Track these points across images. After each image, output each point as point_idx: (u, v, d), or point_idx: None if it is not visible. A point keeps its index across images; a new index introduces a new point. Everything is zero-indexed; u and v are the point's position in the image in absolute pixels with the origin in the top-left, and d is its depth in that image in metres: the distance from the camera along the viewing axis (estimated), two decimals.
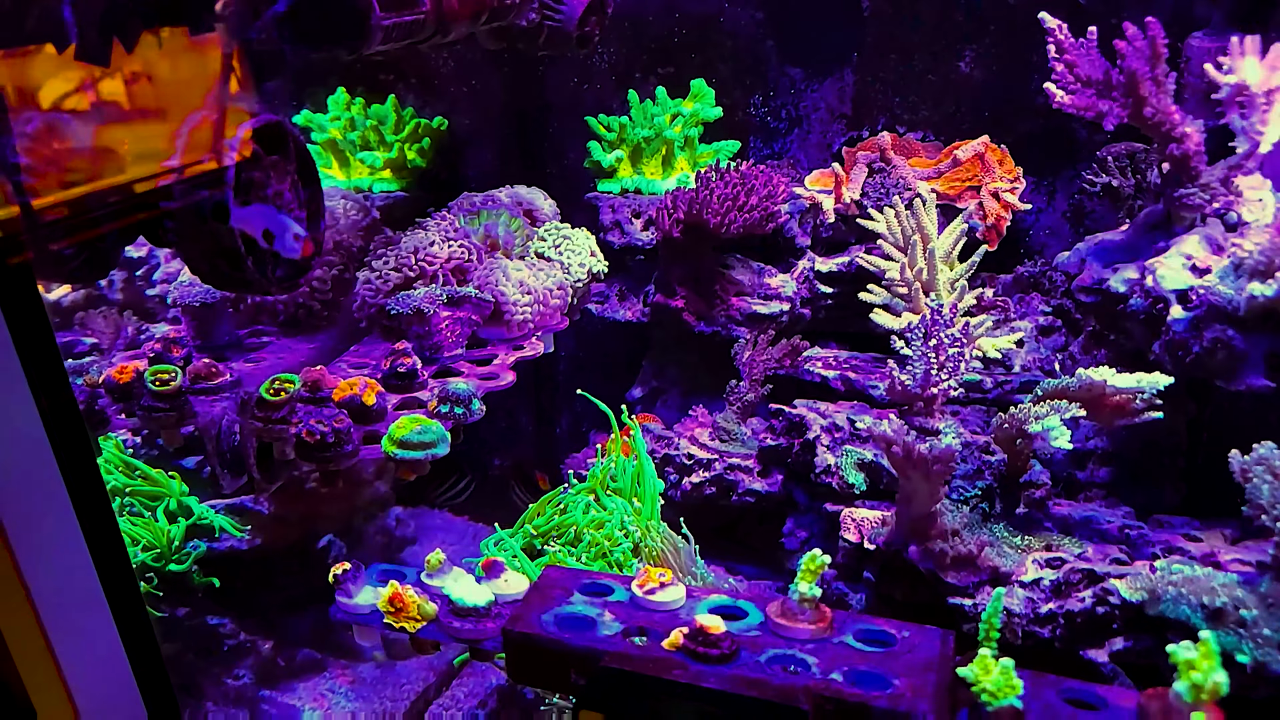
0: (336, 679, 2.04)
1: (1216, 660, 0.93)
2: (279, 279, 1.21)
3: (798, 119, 2.52)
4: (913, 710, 0.96)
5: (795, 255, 2.17)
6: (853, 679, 1.01)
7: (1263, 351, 1.39)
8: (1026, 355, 2.09)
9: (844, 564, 1.70)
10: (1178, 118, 1.49)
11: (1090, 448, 1.91)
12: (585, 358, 2.67)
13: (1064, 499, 1.82)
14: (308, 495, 2.18)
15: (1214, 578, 1.33)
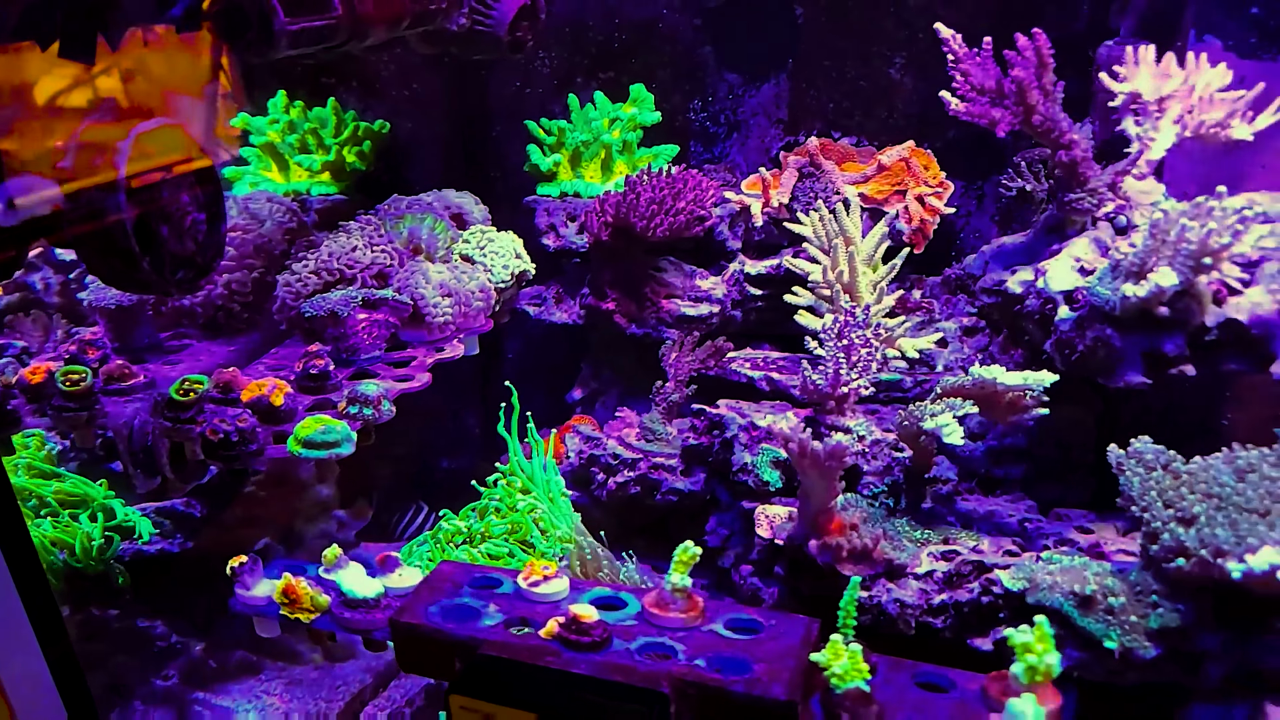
0: (272, 681, 2.09)
1: (1050, 643, 1.00)
2: (178, 281, 1.26)
3: (736, 124, 2.59)
4: (766, 693, 1.02)
5: (726, 258, 2.24)
6: (716, 664, 1.07)
7: (1140, 350, 1.47)
8: (950, 355, 2.16)
9: (758, 560, 1.76)
10: (1065, 125, 1.56)
11: (1006, 444, 1.99)
12: (529, 360, 2.73)
13: (980, 494, 1.89)
14: (245, 499, 2.23)
15: (1089, 567, 1.40)
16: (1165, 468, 1.41)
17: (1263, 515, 1.32)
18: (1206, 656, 1.33)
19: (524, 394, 2.77)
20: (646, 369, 2.23)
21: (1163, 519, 1.33)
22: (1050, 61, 1.54)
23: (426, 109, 2.69)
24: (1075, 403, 1.86)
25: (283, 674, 2.11)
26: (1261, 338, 1.47)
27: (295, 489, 2.32)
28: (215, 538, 2.07)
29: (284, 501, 2.28)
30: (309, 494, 2.37)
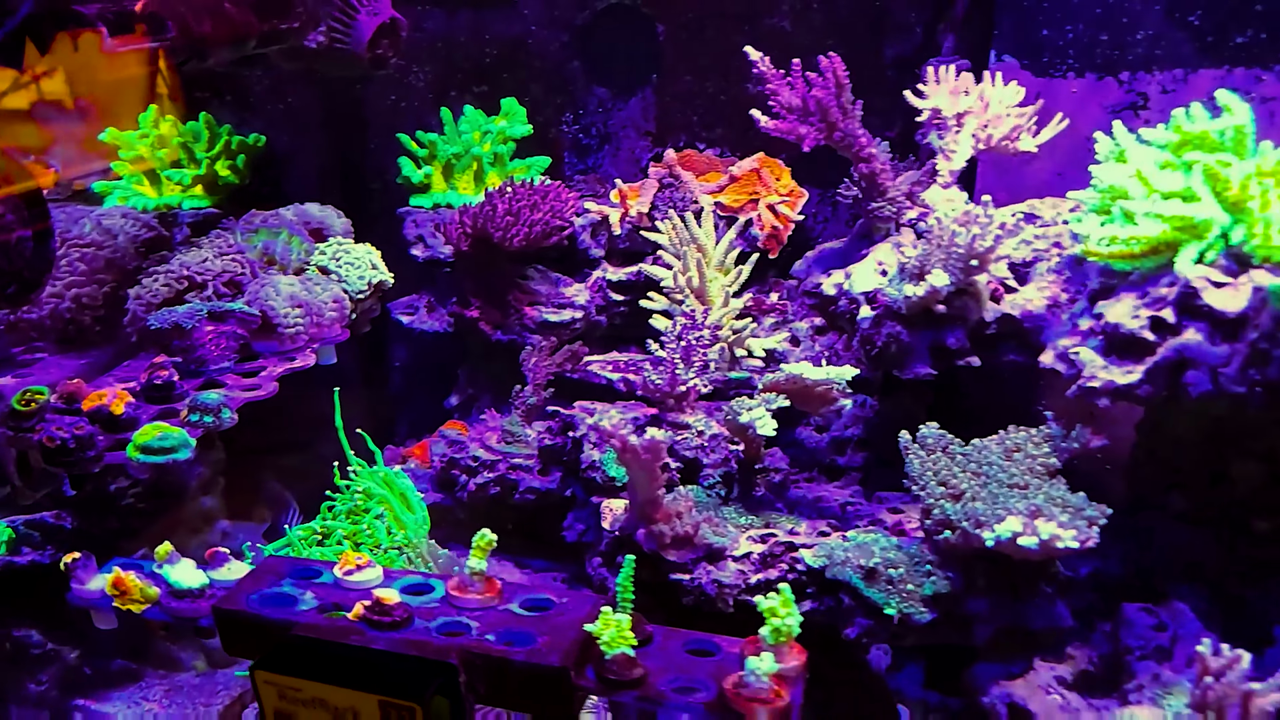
0: (152, 688, 2.16)
1: (793, 607, 1.15)
2: (8, 296, 1.34)
3: (607, 136, 2.74)
4: (544, 660, 1.15)
5: (590, 266, 2.38)
6: (504, 638, 1.20)
7: (926, 344, 1.65)
8: (801, 353, 2.34)
9: (605, 551, 1.90)
10: (864, 140, 1.74)
11: (848, 435, 2.17)
12: (413, 368, 2.83)
13: (824, 481, 2.06)
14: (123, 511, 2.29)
15: (877, 543, 1.57)
16: (944, 450, 1.59)
17: (1023, 489, 1.51)
18: (976, 619, 1.51)
19: (409, 401, 2.88)
20: (516, 374, 2.36)
21: (934, 495, 1.51)
22: (846, 82, 1.71)
23: (303, 122, 2.77)
24: (909, 394, 2.05)
25: (163, 681, 2.18)
26: (1034, 330, 1.66)
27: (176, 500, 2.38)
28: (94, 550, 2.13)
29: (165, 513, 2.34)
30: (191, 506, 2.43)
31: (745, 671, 1.11)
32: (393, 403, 2.82)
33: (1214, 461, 1.59)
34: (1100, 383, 1.51)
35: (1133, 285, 1.55)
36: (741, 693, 1.11)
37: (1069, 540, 1.35)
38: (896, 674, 2.01)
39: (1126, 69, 1.94)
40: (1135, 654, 1.47)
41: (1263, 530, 1.60)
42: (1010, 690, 1.48)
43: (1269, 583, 1.61)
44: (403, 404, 2.82)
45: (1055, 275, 1.67)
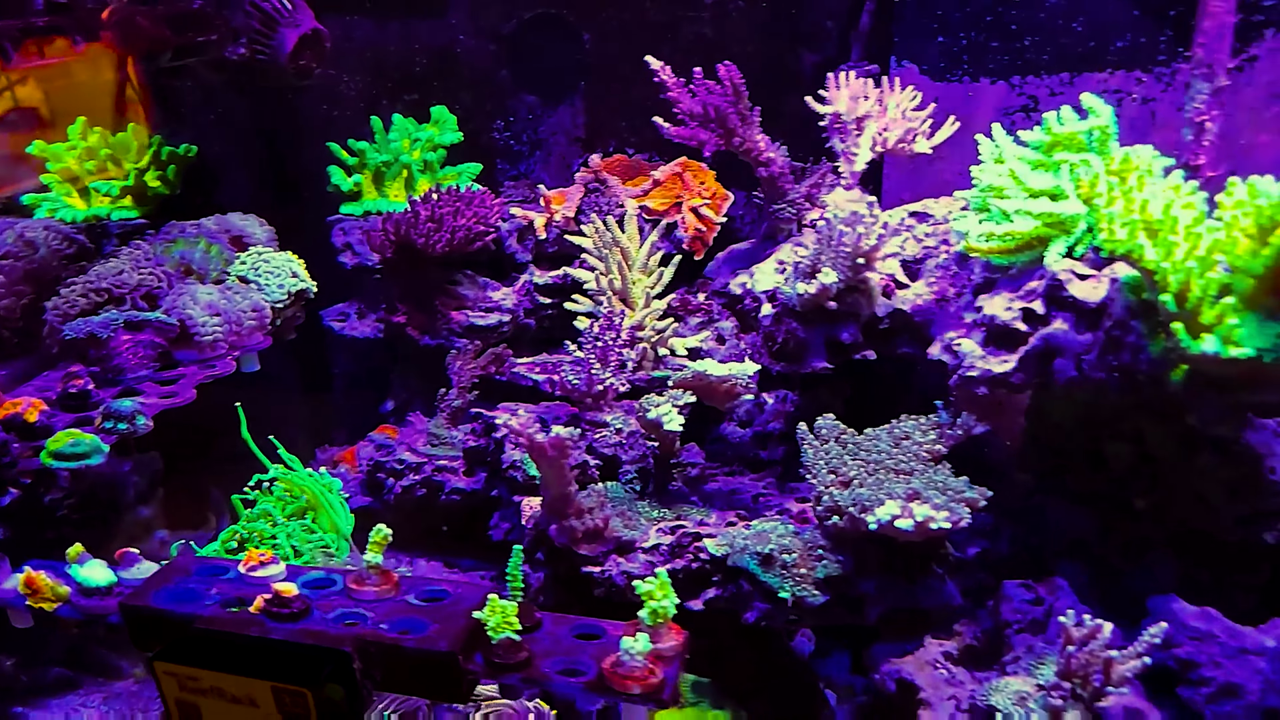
0: (90, 695, 2.20)
1: (669, 591, 1.23)
2: None
3: (538, 142, 2.82)
4: (433, 646, 1.23)
5: (518, 270, 2.46)
6: (398, 626, 1.27)
7: (822, 339, 1.75)
8: (725, 351, 2.43)
9: (527, 548, 1.97)
10: (763, 145, 1.84)
11: (770, 430, 2.26)
12: (348, 374, 2.89)
13: (748, 474, 2.15)
14: (57, 522, 2.33)
15: (775, 530, 1.66)
16: (837, 440, 1.69)
17: (908, 475, 1.61)
18: (866, 599, 1.61)
19: (345, 407, 2.94)
20: (446, 378, 2.43)
21: (825, 483, 1.61)
22: (743, 90, 1.81)
23: (236, 132, 2.83)
24: (827, 389, 2.15)
25: (102, 689, 2.23)
26: (924, 324, 1.77)
27: (112, 511, 2.42)
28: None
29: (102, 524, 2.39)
30: (128, 516, 2.47)
31: (621, 652, 1.19)
32: (329, 409, 2.88)
33: (1091, 444, 1.70)
34: (978, 372, 1.62)
35: (1010, 279, 1.66)
36: (618, 671, 1.19)
37: (941, 521, 1.45)
38: (825, 660, 2.11)
39: (1017, 73, 2.06)
40: (1013, 628, 1.57)
41: (1142, 508, 1.72)
42: (900, 667, 1.58)
43: (1147, 557, 1.73)
44: (339, 410, 2.88)
45: (943, 271, 1.77)
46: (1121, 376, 1.47)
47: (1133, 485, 1.71)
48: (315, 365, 2.88)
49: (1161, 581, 1.68)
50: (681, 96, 1.82)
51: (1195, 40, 1.56)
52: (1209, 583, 1.70)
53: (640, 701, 1.18)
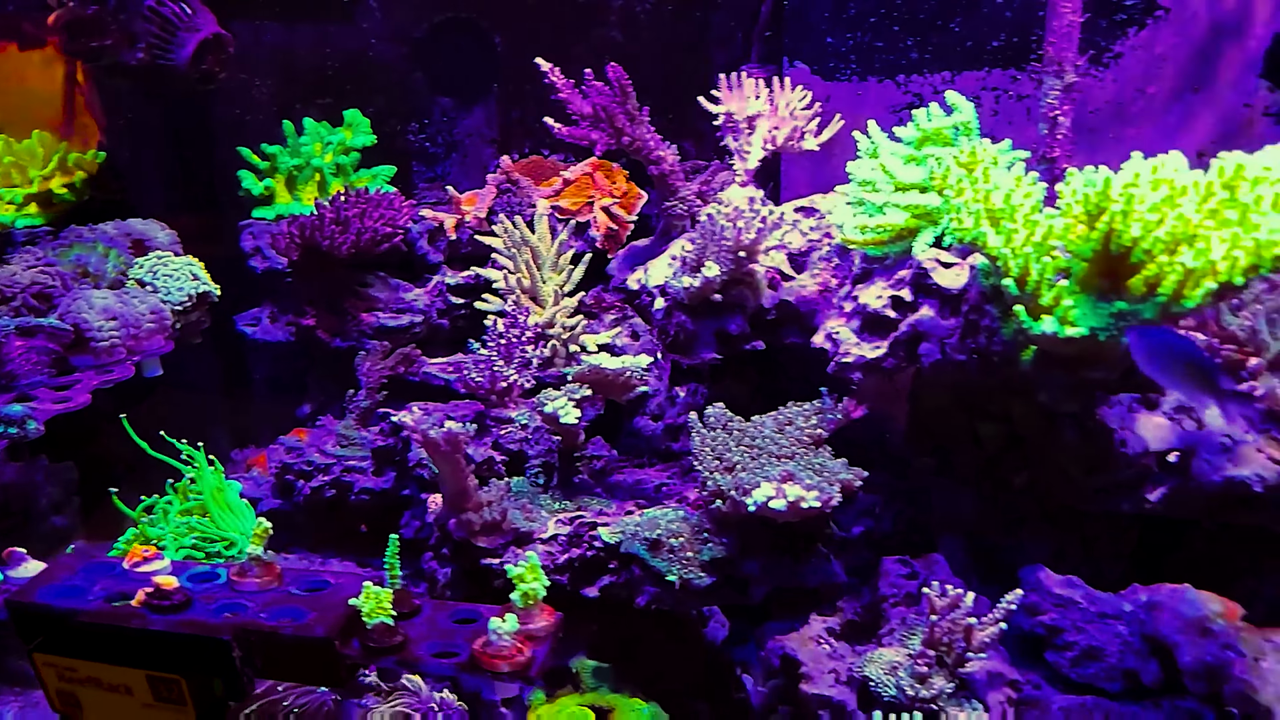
0: (7, 704, 2.21)
1: (539, 573, 1.30)
2: None
3: (454, 144, 2.88)
4: (310, 632, 1.29)
5: (430, 270, 2.52)
6: (277, 615, 1.32)
7: (711, 330, 1.83)
8: (639, 346, 2.51)
9: (434, 544, 2.03)
10: (653, 143, 1.93)
11: (680, 422, 2.35)
12: (265, 378, 2.92)
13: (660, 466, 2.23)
14: None
15: (666, 516, 1.74)
16: (724, 427, 1.77)
17: (789, 458, 1.70)
18: (751, 580, 1.69)
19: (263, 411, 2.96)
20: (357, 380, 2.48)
21: (709, 468, 1.69)
22: (630, 91, 1.90)
23: (147, 137, 2.85)
24: (735, 380, 2.23)
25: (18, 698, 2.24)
26: (808, 314, 1.86)
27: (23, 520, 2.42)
28: None
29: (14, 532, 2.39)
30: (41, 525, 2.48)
31: (489, 632, 1.26)
32: (247, 413, 2.90)
33: (967, 425, 1.81)
34: (853, 358, 1.72)
35: (885, 269, 1.76)
36: (487, 651, 1.26)
37: (811, 500, 1.54)
38: (744, 646, 2.19)
39: (902, 72, 2.18)
40: (890, 601, 1.67)
41: (1020, 484, 1.83)
42: (784, 643, 1.66)
43: (1023, 531, 1.84)
44: (258, 414, 2.90)
45: (826, 263, 1.87)
46: (980, 358, 1.58)
47: (1006, 463, 1.82)
48: (233, 370, 2.91)
49: (1036, 554, 1.79)
50: (572, 97, 1.90)
51: (1046, 39, 1.68)
52: (1080, 553, 1.82)
53: (508, 679, 1.25)
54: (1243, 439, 1.62)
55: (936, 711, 1.47)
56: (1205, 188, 1.37)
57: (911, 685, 1.49)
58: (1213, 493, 1.59)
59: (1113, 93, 2.09)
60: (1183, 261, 1.32)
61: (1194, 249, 1.33)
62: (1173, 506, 1.63)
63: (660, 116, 2.75)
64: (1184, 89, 2.06)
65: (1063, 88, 1.68)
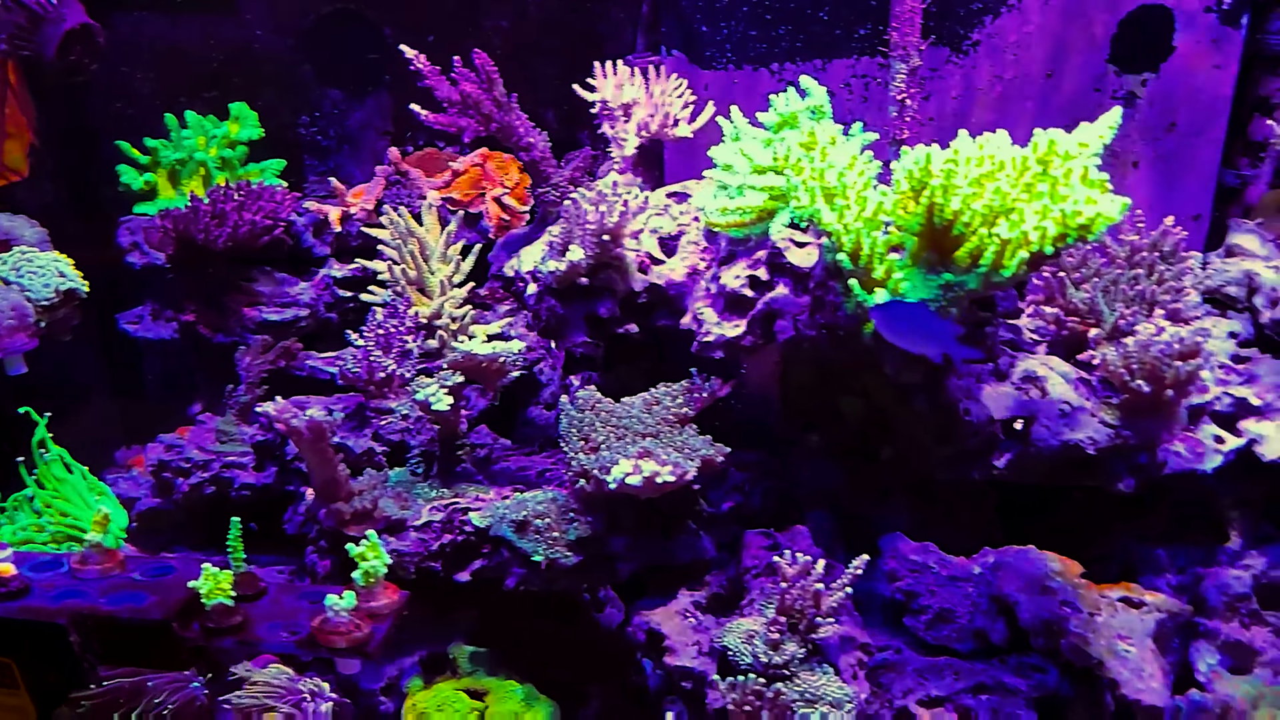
0: None
1: (379, 552, 1.34)
2: None
3: (347, 136, 2.89)
4: (147, 616, 1.31)
5: (316, 264, 2.53)
6: (117, 600, 1.34)
7: (581, 314, 1.89)
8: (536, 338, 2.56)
9: (315, 536, 2.05)
10: (523, 130, 1.98)
11: None
12: (153, 377, 2.90)
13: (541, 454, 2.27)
14: None
15: (534, 498, 1.79)
16: (592, 409, 1.83)
17: (655, 437, 1.76)
18: (617, 558, 1.75)
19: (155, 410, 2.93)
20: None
21: (574, 448, 1.74)
22: (497, 77, 1.94)
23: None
24: (626, 367, 2.29)
25: None
26: (677, 297, 1.93)
27: None
28: None
29: None
30: None
31: (326, 609, 1.30)
32: (136, 412, 2.87)
33: (830, 401, 1.89)
34: (714, 337, 1.79)
35: (747, 251, 1.84)
36: (324, 628, 1.29)
37: (666, 475, 1.60)
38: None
39: (775, 60, 2.26)
40: (752, 573, 1.74)
41: (886, 457, 1.91)
42: (649, 618, 1.72)
43: (887, 502, 1.93)
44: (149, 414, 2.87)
45: (694, 246, 1.94)
46: (828, 333, 1.66)
47: (871, 437, 1.91)
48: (123, 370, 2.88)
49: (900, 524, 1.88)
50: (439, 84, 1.94)
51: (890, 25, 1.77)
52: (941, 521, 1.91)
53: (346, 655, 1.28)
54: (1081, 405, 1.72)
55: (789, 676, 1.54)
56: (1021, 163, 1.46)
57: (765, 652, 1.56)
58: (1051, 457, 1.70)
59: (973, 80, 2.20)
60: (998, 233, 1.41)
61: (1009, 221, 1.42)
62: (1018, 472, 1.74)
63: (555, 108, 2.82)
64: (1039, 75, 2.18)
65: (908, 71, 1.77)
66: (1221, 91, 2.14)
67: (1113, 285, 1.81)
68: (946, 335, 1.40)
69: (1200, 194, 2.19)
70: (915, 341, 1.43)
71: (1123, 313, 1.77)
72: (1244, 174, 2.40)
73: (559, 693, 1.95)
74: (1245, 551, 1.83)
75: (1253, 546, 1.83)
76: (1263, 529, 1.84)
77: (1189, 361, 1.60)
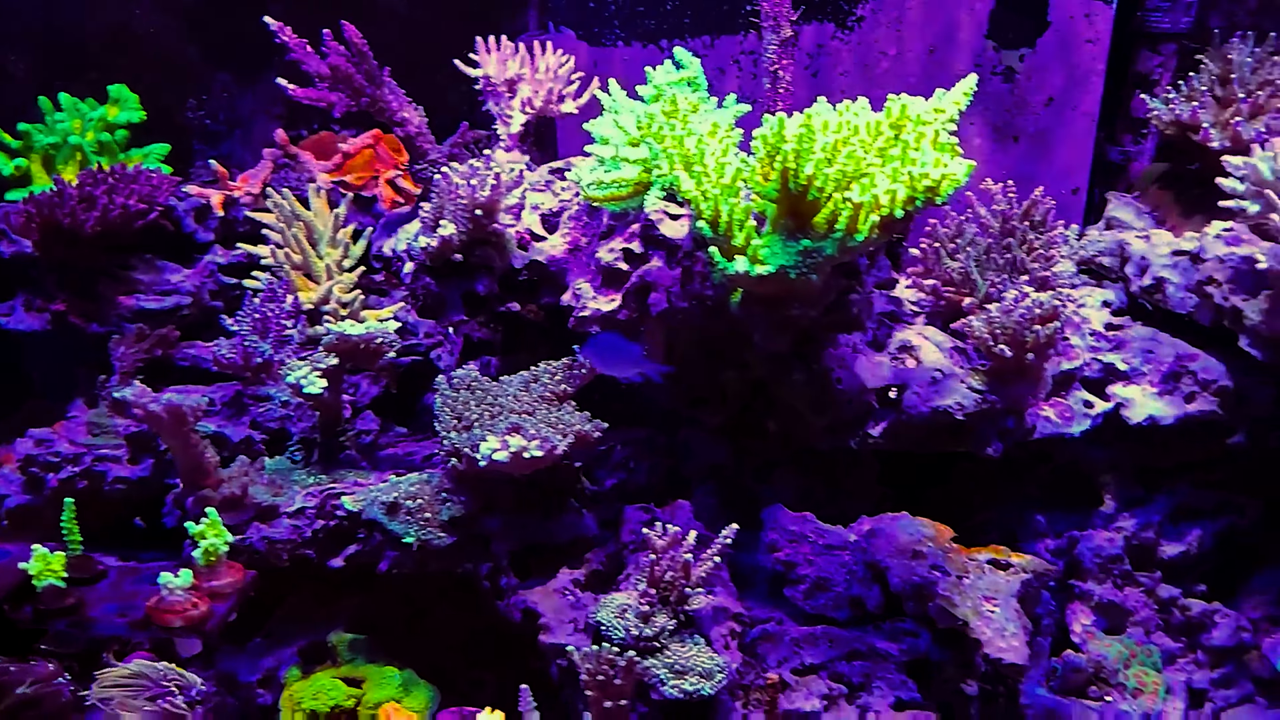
0: None
1: (219, 529, 1.31)
2: None
3: (238, 121, 2.84)
4: None
5: (200, 250, 2.47)
6: None
7: (459, 292, 1.88)
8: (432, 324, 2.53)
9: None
10: (395, 105, 1.96)
11: None
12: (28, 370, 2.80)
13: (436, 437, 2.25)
14: None
15: (407, 480, 1.77)
16: (468, 388, 1.81)
17: (530, 414, 1.75)
18: (492, 536, 1.74)
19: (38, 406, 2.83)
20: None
21: (447, 427, 1.73)
22: (367, 51, 1.92)
23: None
24: (526, 351, 2.27)
25: None
26: (559, 273, 1.92)
27: None
28: None
29: None
30: None
31: (161, 588, 1.27)
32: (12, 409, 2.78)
33: (714, 374, 1.90)
34: (589, 311, 1.79)
35: (625, 225, 1.84)
36: (160, 607, 1.26)
37: (534, 450, 1.59)
38: None
39: (664, 37, 2.27)
40: (630, 548, 1.74)
41: (774, 430, 1.93)
42: (526, 597, 1.71)
43: (773, 475, 1.95)
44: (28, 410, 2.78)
45: (576, 222, 1.94)
46: (699, 304, 1.67)
47: (756, 409, 1.92)
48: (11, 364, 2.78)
49: (785, 497, 1.90)
50: (307, 58, 1.92)
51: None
52: (825, 493, 1.94)
53: (182, 634, 1.25)
54: (953, 372, 1.76)
55: (659, 648, 1.55)
56: (875, 128, 1.49)
57: (636, 625, 1.56)
58: (923, 423, 1.73)
59: (859, 56, 2.23)
60: (851, 197, 1.44)
61: (861, 185, 1.44)
62: (893, 440, 1.77)
63: (453, 89, 2.80)
64: (922, 51, 2.22)
65: (779, 43, 1.80)
66: (1095, 66, 2.21)
67: (986, 255, 1.85)
68: (636, 357, 1.70)
69: (1078, 167, 2.26)
70: (617, 367, 1.69)
71: (993, 281, 1.81)
72: (1128, 150, 2.48)
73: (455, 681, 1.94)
74: (1118, 514, 1.89)
75: (1125, 509, 1.89)
76: (1134, 491, 1.90)
77: (1048, 325, 1.64)
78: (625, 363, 1.68)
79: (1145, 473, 1.91)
